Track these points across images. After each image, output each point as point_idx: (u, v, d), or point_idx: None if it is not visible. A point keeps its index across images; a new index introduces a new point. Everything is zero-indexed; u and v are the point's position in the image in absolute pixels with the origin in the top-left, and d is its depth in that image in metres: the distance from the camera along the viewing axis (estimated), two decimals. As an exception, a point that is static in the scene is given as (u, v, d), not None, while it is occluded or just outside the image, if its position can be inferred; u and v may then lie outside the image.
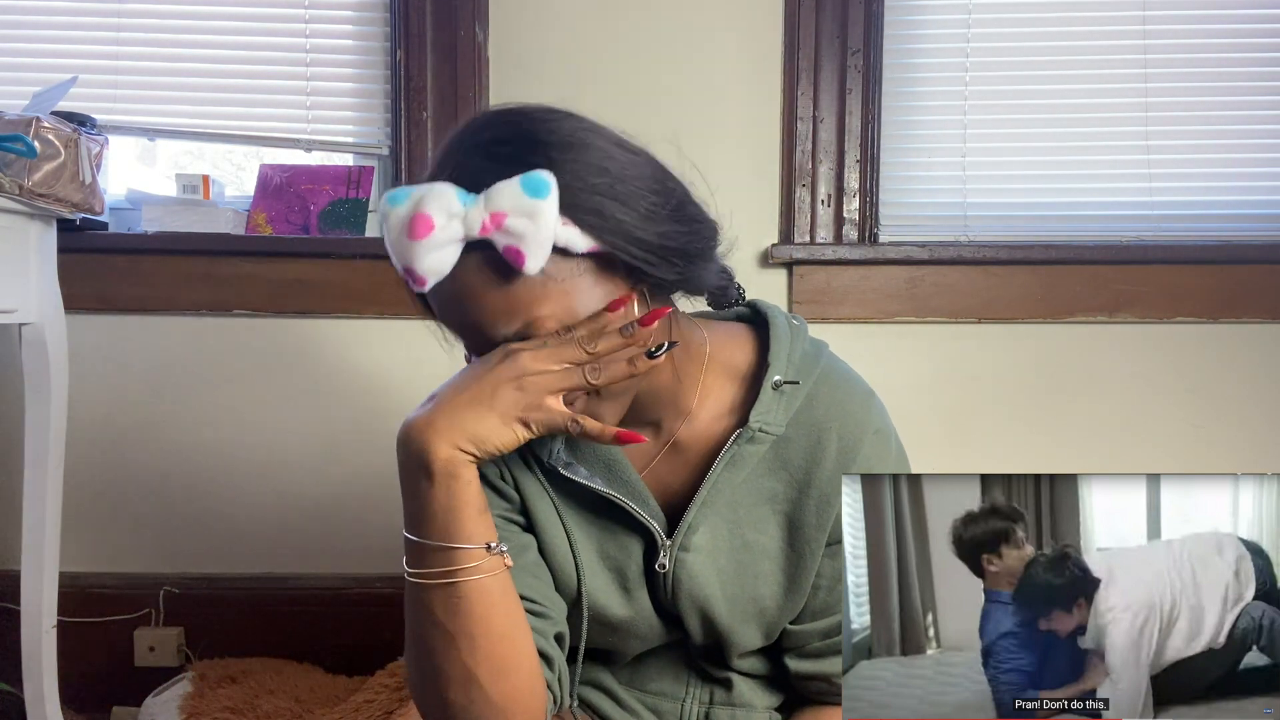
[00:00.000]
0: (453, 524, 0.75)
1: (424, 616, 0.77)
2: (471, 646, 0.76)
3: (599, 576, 0.89)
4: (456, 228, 0.71)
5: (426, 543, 0.76)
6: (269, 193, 1.76)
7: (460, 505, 0.75)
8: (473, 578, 0.76)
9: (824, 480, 0.85)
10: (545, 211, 0.70)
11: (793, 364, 0.87)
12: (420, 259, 0.72)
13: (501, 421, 0.74)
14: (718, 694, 0.96)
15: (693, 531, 0.87)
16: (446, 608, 0.76)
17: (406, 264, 0.73)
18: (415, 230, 0.71)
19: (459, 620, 0.76)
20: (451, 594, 0.76)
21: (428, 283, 0.73)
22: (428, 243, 0.71)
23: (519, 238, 0.70)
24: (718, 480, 0.86)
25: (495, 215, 0.70)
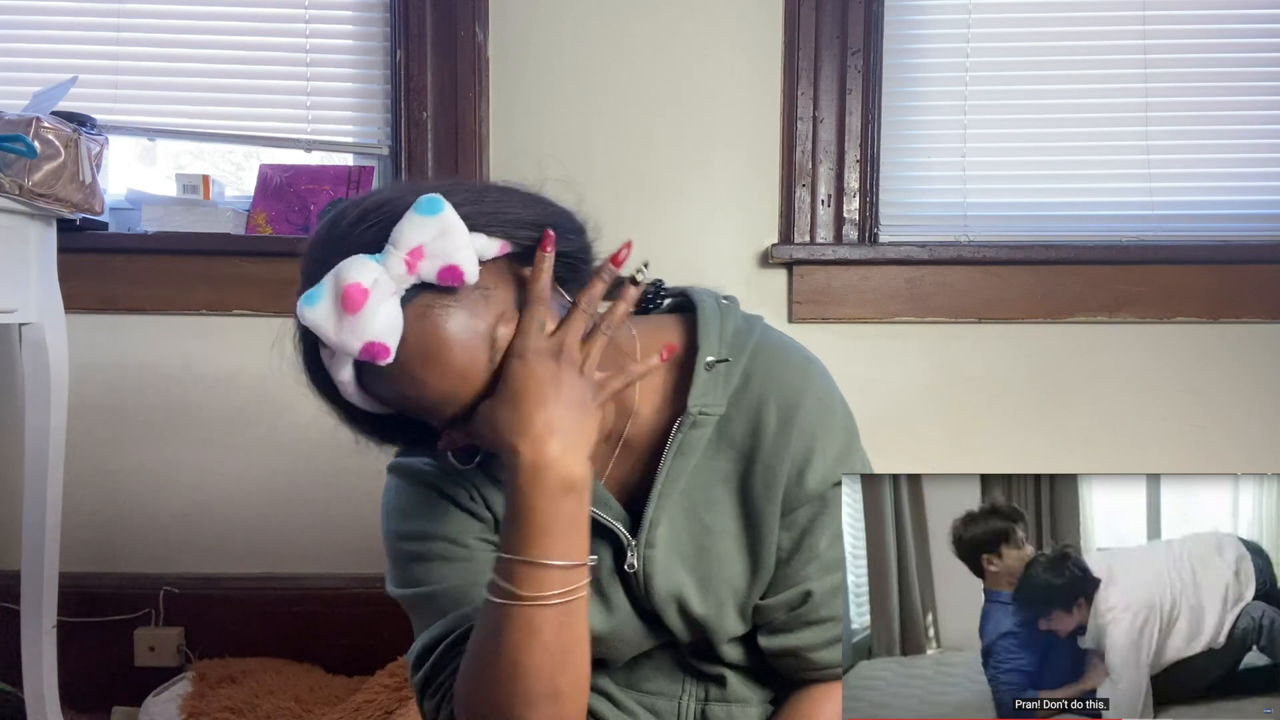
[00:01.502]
0: (583, 539, 0.75)
1: (528, 638, 0.74)
2: (568, 662, 0.76)
3: None
4: (385, 282, 0.70)
5: (555, 563, 0.73)
6: (269, 193, 1.76)
7: (586, 516, 0.75)
8: (584, 593, 0.75)
9: (767, 452, 0.85)
10: (453, 222, 0.71)
11: (724, 342, 0.87)
12: (369, 326, 0.70)
13: (591, 414, 0.75)
14: (713, 690, 0.96)
15: (655, 526, 0.87)
16: (559, 625, 0.74)
17: (361, 342, 0.70)
18: (351, 303, 0.69)
19: (566, 637, 0.75)
20: (567, 612, 0.74)
21: (391, 348, 0.71)
22: (369, 307, 0.69)
23: (446, 255, 0.71)
24: (670, 470, 0.86)
25: (413, 251, 0.70)
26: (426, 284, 0.72)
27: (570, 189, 0.84)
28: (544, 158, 1.74)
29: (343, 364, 0.76)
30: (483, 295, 0.74)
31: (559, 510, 0.73)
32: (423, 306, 0.72)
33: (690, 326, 0.89)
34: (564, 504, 0.73)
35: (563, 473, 0.72)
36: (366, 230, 0.73)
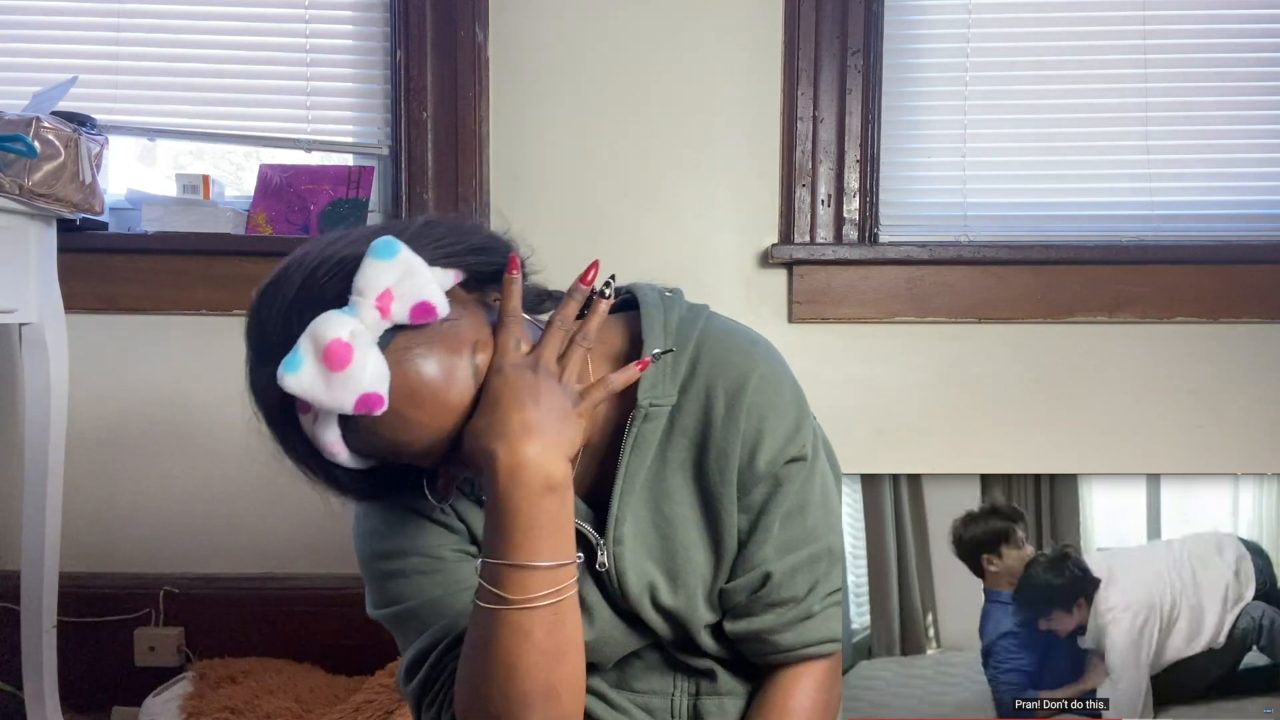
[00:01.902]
0: (567, 540, 0.75)
1: (519, 640, 0.74)
2: (562, 661, 0.76)
3: None
4: (362, 332, 0.70)
5: (541, 565, 0.74)
6: (269, 193, 1.76)
7: (569, 517, 0.75)
8: (572, 593, 0.76)
9: (718, 436, 0.85)
10: (412, 260, 0.72)
11: (668, 332, 0.87)
12: (360, 380, 0.69)
13: (573, 422, 0.75)
14: (703, 684, 0.96)
15: (621, 523, 0.87)
16: (549, 625, 0.74)
17: (355, 396, 0.69)
18: (336, 360, 0.69)
19: (556, 636, 0.75)
20: (555, 613, 0.75)
21: (384, 396, 0.70)
22: (356, 361, 0.69)
23: (416, 294, 0.71)
24: (629, 465, 0.86)
25: (381, 296, 0.70)
26: (400, 326, 0.72)
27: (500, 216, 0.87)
28: (544, 158, 1.74)
29: (328, 426, 0.75)
30: (452, 326, 0.74)
31: (540, 511, 0.73)
32: (400, 349, 0.72)
33: (636, 322, 0.90)
34: (545, 504, 0.73)
35: (541, 472, 0.72)
36: (326, 286, 0.72)
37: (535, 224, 1.74)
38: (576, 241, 1.71)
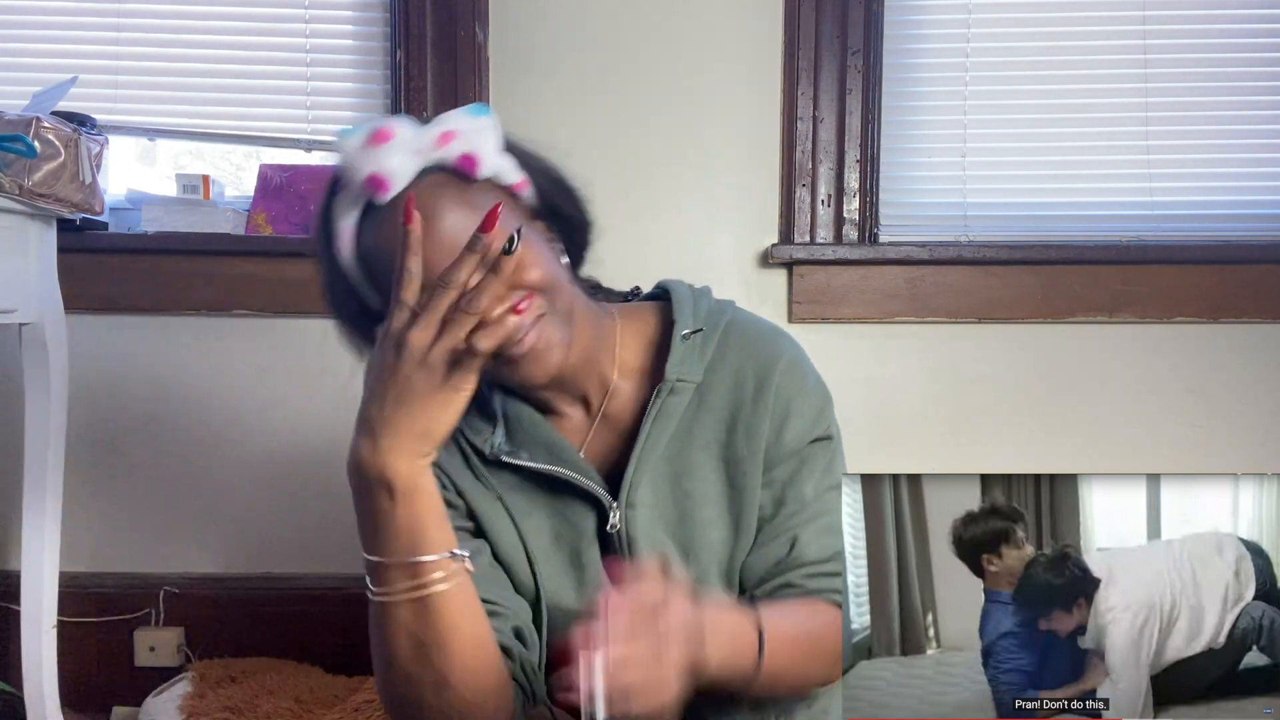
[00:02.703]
0: (419, 538, 0.74)
1: (394, 631, 0.75)
2: (444, 653, 0.75)
3: (552, 562, 0.90)
4: (413, 140, 0.79)
5: (391, 561, 0.74)
6: (269, 193, 1.76)
7: (425, 515, 0.74)
8: (440, 588, 0.74)
9: (747, 413, 0.89)
10: (489, 128, 0.82)
11: (698, 317, 0.92)
12: (382, 161, 0.78)
13: (437, 405, 0.72)
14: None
15: (635, 487, 0.89)
16: (418, 620, 0.75)
17: (370, 171, 0.78)
18: (376, 138, 0.79)
19: (430, 631, 0.75)
20: (421, 607, 0.75)
21: (390, 187, 0.78)
22: (389, 146, 0.79)
23: (472, 146, 0.80)
24: (650, 435, 0.89)
25: (445, 134, 0.80)
26: (448, 168, 0.80)
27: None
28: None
29: (348, 210, 0.82)
30: (486, 200, 0.77)
31: (379, 510, 0.73)
32: (436, 181, 0.80)
33: (665, 308, 0.94)
34: (383, 504, 0.73)
35: (374, 473, 0.72)
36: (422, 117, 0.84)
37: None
38: (576, 241, 1.72)
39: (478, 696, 0.78)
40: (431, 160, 0.80)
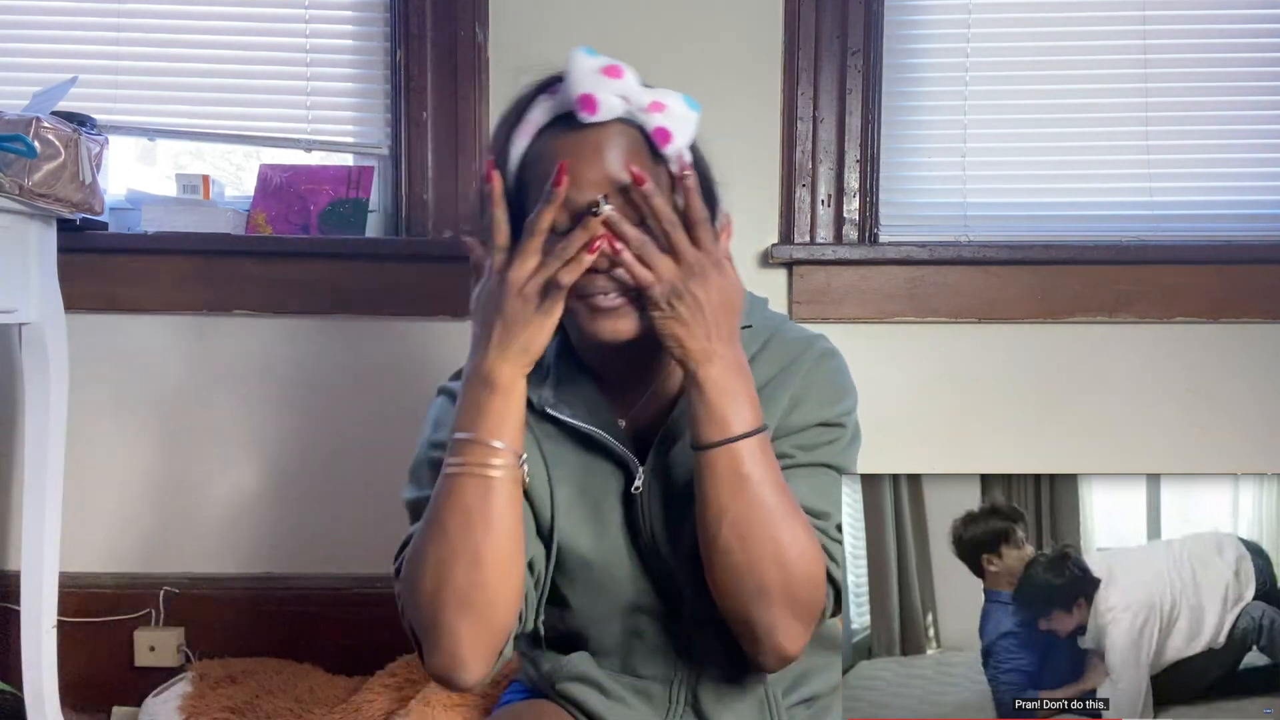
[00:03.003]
0: (501, 428, 0.87)
1: (452, 501, 0.87)
2: (487, 530, 0.86)
3: (574, 511, 0.96)
4: (629, 92, 0.89)
5: (475, 438, 0.87)
6: (269, 193, 1.76)
7: (511, 414, 0.88)
8: (499, 474, 0.87)
9: (767, 390, 0.94)
10: (692, 122, 0.93)
11: (749, 315, 0.98)
12: (602, 91, 0.88)
13: (532, 328, 0.87)
14: (706, 672, 0.99)
15: (662, 454, 0.96)
16: (477, 494, 0.87)
17: (589, 91, 0.88)
18: (609, 70, 0.89)
19: (481, 506, 0.86)
20: (481, 484, 0.87)
21: (596, 111, 0.88)
22: (616, 84, 0.89)
23: (671, 124, 0.91)
24: (683, 408, 0.94)
25: (657, 103, 0.91)
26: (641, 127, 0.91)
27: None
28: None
29: (547, 110, 0.93)
30: (654, 168, 0.90)
31: (480, 400, 0.88)
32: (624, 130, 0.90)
33: None
34: (485, 396, 0.87)
35: (483, 375, 0.87)
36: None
37: (535, 224, 1.74)
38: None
39: (501, 585, 0.87)
40: (634, 116, 0.90)
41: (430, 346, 1.76)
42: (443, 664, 0.89)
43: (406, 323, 1.75)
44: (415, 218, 1.75)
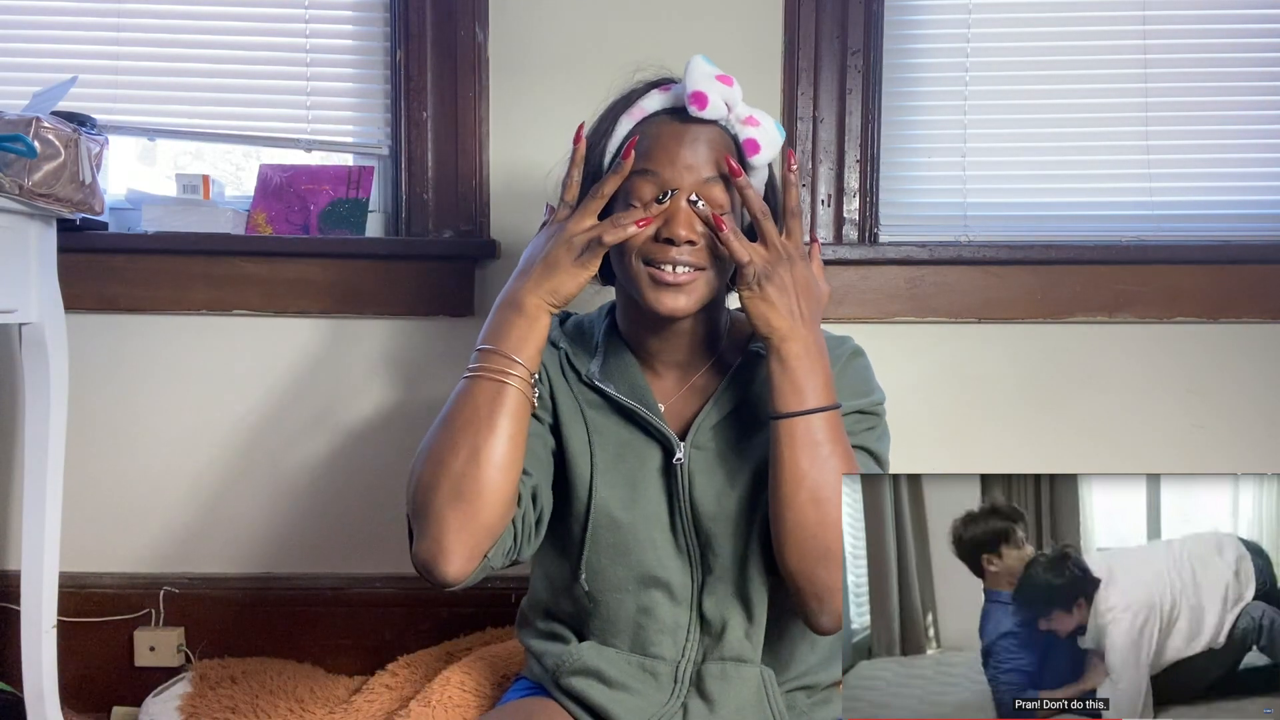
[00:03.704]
0: (521, 347, 0.97)
1: (466, 399, 0.96)
2: (490, 430, 0.95)
3: (610, 474, 1.04)
4: (735, 103, 1.00)
5: (497, 349, 0.97)
6: (269, 193, 1.76)
7: (532, 339, 0.98)
8: (513, 384, 0.96)
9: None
10: (779, 145, 1.02)
11: None
12: (714, 93, 0.98)
13: (568, 275, 0.97)
14: (711, 649, 1.04)
15: (703, 431, 1.04)
16: (487, 396, 0.96)
17: (702, 90, 0.98)
18: (723, 79, 0.99)
19: (489, 408, 0.95)
20: (496, 389, 0.96)
21: (704, 109, 0.98)
22: (726, 90, 0.99)
23: (759, 139, 1.00)
24: (724, 391, 1.05)
25: (752, 118, 1.01)
26: (735, 137, 1.01)
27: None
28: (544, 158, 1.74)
29: (659, 100, 1.02)
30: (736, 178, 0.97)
31: (508, 319, 0.98)
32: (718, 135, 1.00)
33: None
34: (512, 316, 0.98)
35: (515, 299, 0.98)
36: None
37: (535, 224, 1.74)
38: (576, 241, 1.72)
39: (494, 482, 0.94)
40: (731, 125, 1.00)
41: (430, 346, 1.76)
42: (427, 549, 0.94)
43: (406, 323, 1.75)
44: (415, 218, 1.75)
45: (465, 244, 1.73)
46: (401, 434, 1.76)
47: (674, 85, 1.02)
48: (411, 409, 1.76)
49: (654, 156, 0.98)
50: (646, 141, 0.99)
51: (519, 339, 0.97)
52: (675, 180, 0.97)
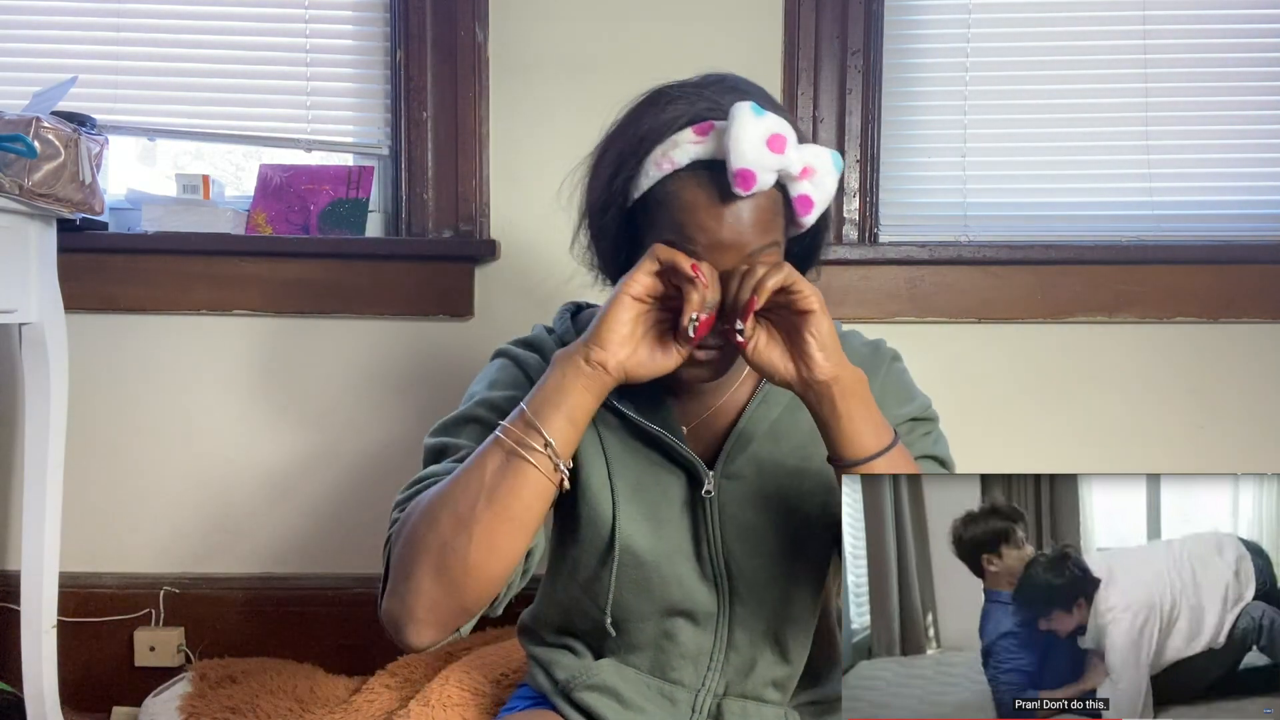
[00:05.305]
0: (554, 421, 0.85)
1: (478, 463, 0.85)
2: (488, 507, 0.83)
3: (631, 506, 0.96)
4: (788, 161, 0.84)
5: (527, 410, 0.85)
6: (269, 193, 1.76)
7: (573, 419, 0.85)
8: (533, 460, 0.84)
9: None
10: (836, 178, 0.88)
11: None
12: (763, 172, 0.83)
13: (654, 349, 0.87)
14: (735, 683, 0.98)
15: (732, 459, 0.96)
16: (499, 467, 0.84)
17: (750, 168, 0.82)
18: (775, 143, 0.83)
19: (498, 484, 0.84)
20: (511, 464, 0.84)
21: (752, 189, 0.84)
22: (776, 160, 0.83)
23: (815, 192, 0.87)
24: (754, 414, 0.97)
25: (809, 169, 0.86)
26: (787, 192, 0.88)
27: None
28: (544, 158, 1.74)
29: (694, 150, 0.86)
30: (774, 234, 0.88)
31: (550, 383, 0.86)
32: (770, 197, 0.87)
33: None
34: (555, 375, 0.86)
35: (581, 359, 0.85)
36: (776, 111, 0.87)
37: (535, 224, 1.74)
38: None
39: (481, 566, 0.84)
40: (783, 180, 0.87)
41: (430, 346, 1.76)
42: (396, 610, 0.86)
43: (406, 323, 1.75)
44: (415, 218, 1.75)
45: (465, 244, 1.73)
46: (401, 434, 1.76)
47: (712, 129, 0.86)
48: (411, 409, 1.76)
49: (691, 234, 0.86)
50: (680, 212, 0.86)
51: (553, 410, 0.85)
52: (718, 264, 0.86)
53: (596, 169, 0.95)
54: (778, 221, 0.88)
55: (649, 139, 0.89)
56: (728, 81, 0.93)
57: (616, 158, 0.93)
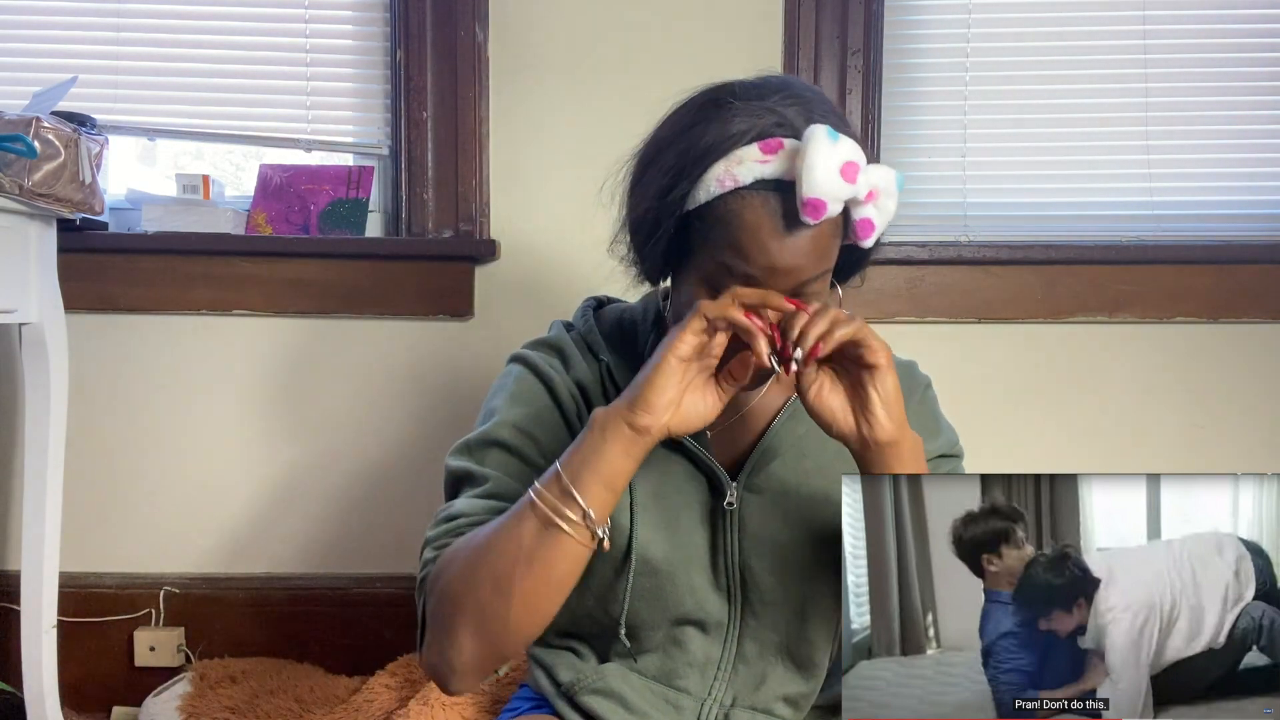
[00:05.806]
0: (592, 484, 0.81)
1: (514, 527, 0.82)
2: (528, 572, 0.81)
3: (649, 511, 0.94)
4: (857, 187, 0.81)
5: (564, 474, 0.81)
6: (269, 193, 1.76)
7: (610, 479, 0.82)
8: (567, 528, 0.81)
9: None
10: (897, 200, 0.85)
11: None
12: (833, 201, 0.80)
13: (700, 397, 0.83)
14: (743, 696, 0.97)
15: (757, 472, 0.94)
16: (535, 534, 0.81)
17: (821, 197, 0.79)
18: (848, 172, 0.80)
19: (535, 550, 0.81)
20: (548, 531, 0.81)
21: (820, 219, 0.81)
22: (847, 190, 0.80)
23: (877, 216, 0.84)
24: (780, 430, 0.95)
25: (874, 192, 0.83)
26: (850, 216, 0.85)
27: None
28: (544, 158, 1.74)
29: (757, 174, 0.82)
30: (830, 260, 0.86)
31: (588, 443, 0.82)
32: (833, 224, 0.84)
33: None
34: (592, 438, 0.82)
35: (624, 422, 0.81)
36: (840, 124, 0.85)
37: (535, 225, 1.74)
38: (577, 242, 1.71)
39: (520, 624, 0.83)
40: (848, 204, 0.83)
41: (430, 346, 1.76)
42: (438, 660, 0.86)
43: (406, 323, 1.75)
44: (415, 218, 1.75)
45: (465, 244, 1.73)
46: (401, 433, 1.76)
47: (781, 149, 0.82)
48: (411, 408, 1.76)
49: (751, 256, 0.82)
50: (740, 232, 0.82)
51: (590, 472, 0.81)
52: (771, 287, 0.83)
53: (648, 172, 0.90)
54: (836, 245, 0.86)
55: (711, 153, 0.84)
56: (793, 89, 0.88)
57: (674, 166, 0.87)
